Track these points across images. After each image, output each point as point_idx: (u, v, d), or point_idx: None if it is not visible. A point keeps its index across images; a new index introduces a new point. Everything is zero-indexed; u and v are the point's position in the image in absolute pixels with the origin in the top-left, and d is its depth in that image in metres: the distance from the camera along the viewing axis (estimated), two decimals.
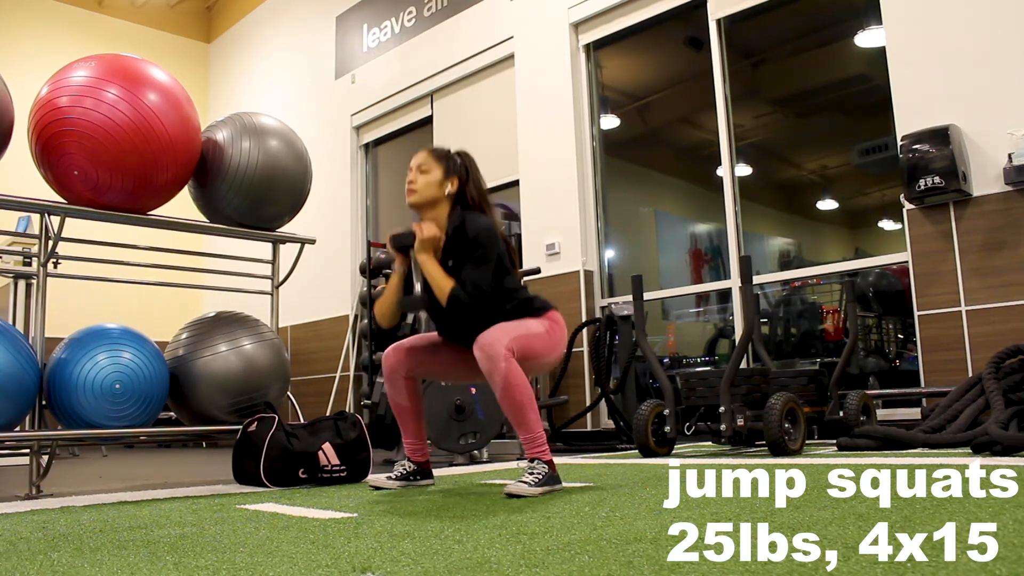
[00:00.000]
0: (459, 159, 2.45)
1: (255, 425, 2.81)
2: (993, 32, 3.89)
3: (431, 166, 2.41)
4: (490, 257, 2.30)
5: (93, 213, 2.95)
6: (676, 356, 6.22)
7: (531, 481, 2.11)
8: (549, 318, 2.39)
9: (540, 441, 2.21)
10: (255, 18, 9.45)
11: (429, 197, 2.39)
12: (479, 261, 2.28)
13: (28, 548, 1.51)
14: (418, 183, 2.40)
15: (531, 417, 2.20)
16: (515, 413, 2.20)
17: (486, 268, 2.29)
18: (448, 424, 3.62)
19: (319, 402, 7.12)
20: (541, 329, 2.33)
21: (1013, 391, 3.02)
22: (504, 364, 2.15)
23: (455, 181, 2.41)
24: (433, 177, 2.40)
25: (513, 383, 2.16)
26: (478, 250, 2.29)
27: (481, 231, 2.32)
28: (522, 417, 2.20)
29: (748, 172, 5.69)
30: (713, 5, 5.16)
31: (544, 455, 2.20)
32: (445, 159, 2.43)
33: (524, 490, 2.08)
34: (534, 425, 2.21)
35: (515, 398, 2.18)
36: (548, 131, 5.85)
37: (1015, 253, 3.75)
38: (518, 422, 2.21)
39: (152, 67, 3.02)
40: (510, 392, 2.17)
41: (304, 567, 1.20)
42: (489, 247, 2.31)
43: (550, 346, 2.35)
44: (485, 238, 2.31)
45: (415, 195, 2.40)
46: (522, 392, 2.18)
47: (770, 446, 3.08)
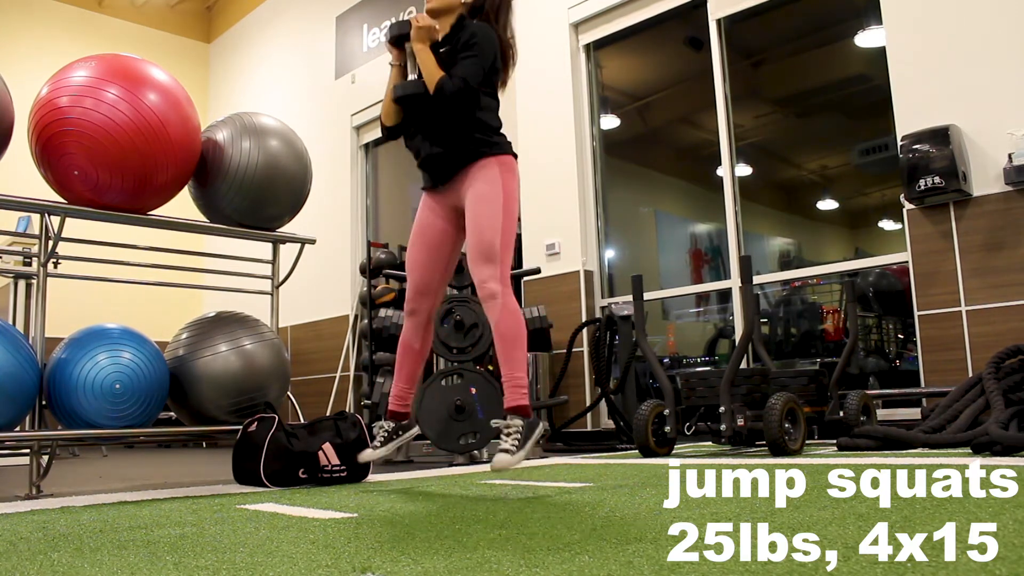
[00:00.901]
0: None
1: (255, 425, 2.81)
2: (993, 32, 3.89)
3: None
4: (484, 57, 2.33)
5: (93, 213, 2.95)
6: (676, 356, 6.22)
7: (511, 446, 2.13)
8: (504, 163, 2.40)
9: (520, 382, 2.26)
10: (255, 18, 9.45)
11: (447, 4, 2.42)
12: (473, 58, 2.31)
13: (28, 548, 1.51)
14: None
15: (519, 354, 2.27)
16: (506, 347, 2.26)
17: (478, 65, 2.31)
18: (448, 424, 3.62)
19: (319, 402, 7.12)
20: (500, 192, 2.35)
21: (1013, 391, 3.02)
22: (502, 299, 2.27)
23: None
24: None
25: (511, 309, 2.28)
26: (473, 49, 2.32)
27: (479, 33, 2.36)
28: (511, 352, 2.26)
29: (748, 172, 5.69)
30: (713, 5, 5.16)
31: (520, 400, 2.24)
32: None
33: (508, 460, 2.10)
34: (520, 363, 2.27)
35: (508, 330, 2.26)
36: (548, 131, 5.85)
37: (1015, 253, 3.75)
38: (506, 357, 2.27)
39: (152, 67, 3.02)
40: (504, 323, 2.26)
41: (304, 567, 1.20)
42: (484, 49, 2.34)
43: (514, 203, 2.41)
44: (481, 39, 2.34)
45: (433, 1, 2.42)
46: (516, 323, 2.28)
47: (770, 446, 3.08)
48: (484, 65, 2.32)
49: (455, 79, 2.27)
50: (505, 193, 2.36)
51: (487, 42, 2.35)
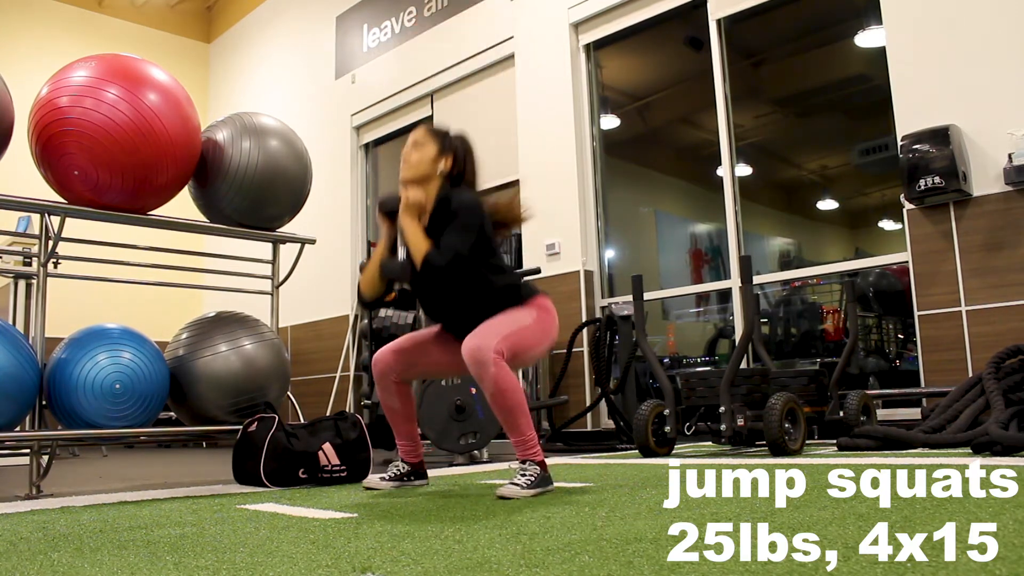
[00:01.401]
0: (455, 140, 2.44)
1: (255, 425, 2.81)
2: (993, 32, 3.89)
3: (427, 142, 2.40)
4: (470, 226, 2.27)
5: (93, 213, 2.95)
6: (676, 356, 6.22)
7: (523, 483, 2.10)
8: (538, 306, 2.36)
9: (532, 443, 2.20)
10: (255, 18, 9.45)
11: (422, 173, 2.38)
12: (458, 227, 2.26)
13: (28, 548, 1.51)
14: (413, 158, 2.39)
15: (522, 421, 2.19)
16: (505, 417, 2.19)
17: (465, 235, 2.26)
18: (448, 424, 3.62)
19: (319, 402, 7.12)
20: (529, 320, 2.30)
21: (1013, 391, 3.02)
22: (493, 369, 2.13)
23: (449, 159, 2.39)
24: (427, 153, 2.38)
25: (503, 388, 2.14)
26: (459, 219, 2.27)
27: (464, 202, 2.31)
28: (513, 421, 2.19)
29: (748, 172, 5.69)
30: (713, 5, 5.16)
31: (536, 456, 2.19)
32: (442, 137, 2.42)
33: (516, 492, 2.07)
34: (525, 428, 2.20)
35: (505, 403, 2.16)
36: (548, 131, 5.85)
37: (1015, 253, 3.75)
38: (509, 426, 2.20)
39: (152, 67, 3.02)
40: (500, 397, 2.16)
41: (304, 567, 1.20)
42: (471, 217, 2.28)
43: (541, 336, 2.33)
44: (467, 207, 2.29)
45: (409, 169, 2.39)
46: (512, 396, 2.16)
47: (770, 446, 3.08)
48: (470, 232, 2.26)
49: (443, 251, 2.22)
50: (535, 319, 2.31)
51: (471, 210, 2.29)
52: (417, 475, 2.55)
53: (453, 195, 2.34)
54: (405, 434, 2.52)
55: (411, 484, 2.53)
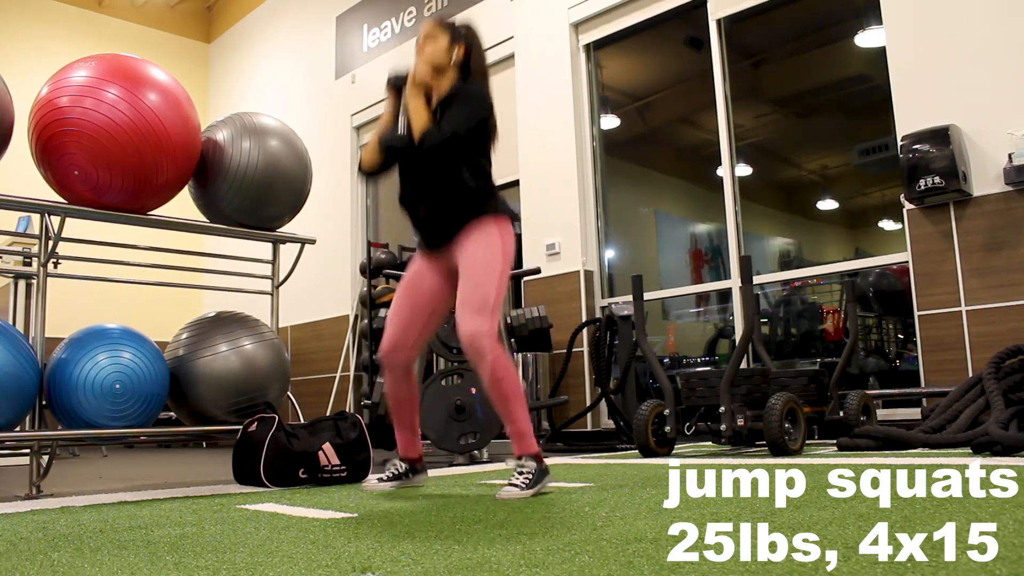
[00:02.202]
0: (464, 27, 2.47)
1: (255, 425, 2.81)
2: (993, 32, 3.89)
3: (438, 33, 2.42)
4: (473, 110, 2.31)
5: (93, 213, 2.95)
6: (676, 356, 6.22)
7: (521, 483, 2.11)
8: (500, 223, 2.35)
9: (528, 434, 2.22)
10: (255, 18, 9.45)
11: (437, 62, 2.40)
12: (462, 110, 2.30)
13: (28, 548, 1.51)
14: (427, 49, 2.41)
15: (518, 410, 2.22)
16: (502, 406, 2.22)
17: (466, 117, 2.29)
18: (448, 424, 3.62)
19: (319, 402, 7.12)
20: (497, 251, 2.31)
21: (1013, 391, 3.02)
22: (490, 357, 2.17)
23: (462, 47, 2.41)
24: (440, 44, 2.40)
25: (500, 376, 2.19)
26: (464, 104, 2.31)
27: (473, 90, 2.35)
28: (509, 409, 2.22)
29: (748, 172, 5.69)
30: (713, 5, 5.16)
31: (531, 448, 2.21)
32: (451, 27, 2.45)
33: (516, 494, 2.07)
34: (521, 418, 2.22)
35: (502, 390, 2.20)
36: (548, 131, 5.85)
37: (1015, 253, 3.75)
38: (505, 414, 2.23)
39: (152, 67, 3.02)
40: (497, 385, 2.19)
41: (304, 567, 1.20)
42: (476, 103, 2.32)
43: (509, 263, 2.36)
44: (476, 95, 2.34)
45: (424, 62, 2.40)
46: (509, 384, 2.20)
47: (770, 446, 3.08)
48: (472, 117, 2.29)
49: (443, 128, 2.26)
50: (503, 252, 2.32)
51: (477, 98, 2.33)
52: (415, 471, 2.55)
53: (466, 85, 2.38)
54: (408, 425, 2.53)
55: (411, 482, 2.53)
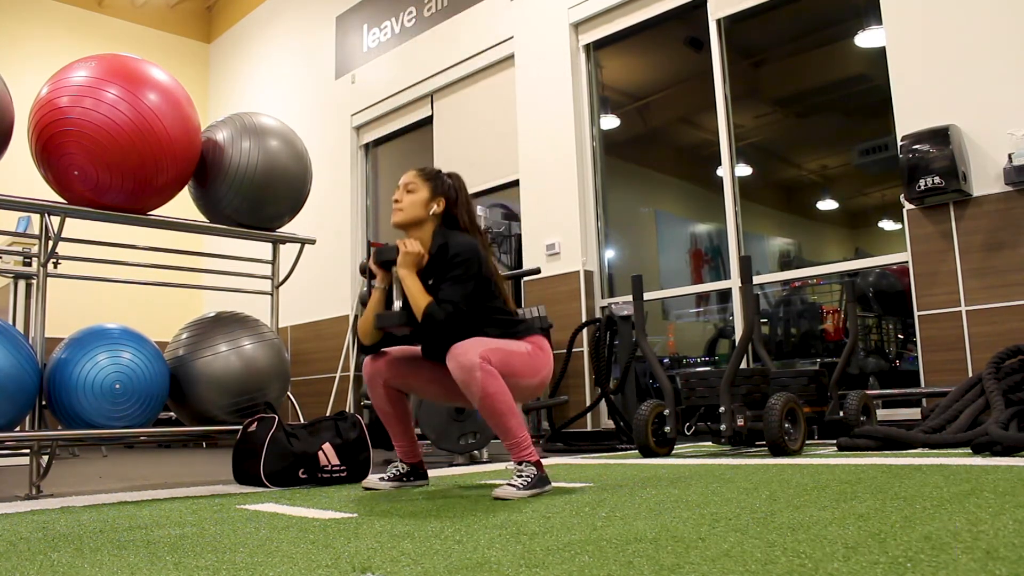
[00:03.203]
0: (448, 180, 2.43)
1: (255, 425, 2.81)
2: (994, 32, 3.90)
3: (418, 185, 2.38)
4: (469, 276, 2.25)
5: (93, 213, 2.95)
6: (676, 356, 6.22)
7: (519, 484, 2.09)
8: (532, 342, 2.33)
9: (525, 444, 2.19)
10: (255, 18, 9.45)
11: (415, 216, 2.36)
12: (457, 279, 2.24)
13: (28, 548, 1.51)
14: (404, 202, 2.37)
15: (512, 423, 2.17)
16: (496, 422, 2.17)
17: (464, 287, 2.24)
18: (448, 424, 3.62)
19: (319, 402, 7.12)
20: (522, 350, 2.27)
21: (1013, 391, 3.02)
22: (479, 374, 2.11)
23: (442, 201, 2.38)
24: (419, 196, 2.37)
25: (490, 392, 2.13)
26: (458, 268, 2.25)
27: (463, 250, 2.27)
28: (503, 425, 2.17)
29: (748, 172, 5.69)
30: (713, 5, 5.17)
31: (531, 457, 2.18)
32: (433, 179, 2.40)
33: (512, 493, 2.06)
34: (516, 430, 2.18)
35: (494, 407, 2.14)
36: (548, 131, 5.85)
37: (1015, 253, 3.75)
38: (500, 430, 2.18)
39: (152, 67, 3.02)
40: (488, 403, 2.14)
41: (304, 567, 1.20)
42: (469, 266, 2.26)
43: (531, 368, 2.29)
44: (466, 257, 2.26)
45: (401, 214, 2.37)
46: (500, 401, 2.14)
47: (770, 446, 3.08)
48: (469, 283, 2.25)
49: (443, 305, 2.21)
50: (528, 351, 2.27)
51: (469, 258, 2.27)
52: (416, 475, 2.55)
53: (451, 240, 2.31)
54: (401, 435, 2.52)
55: (411, 484, 2.53)
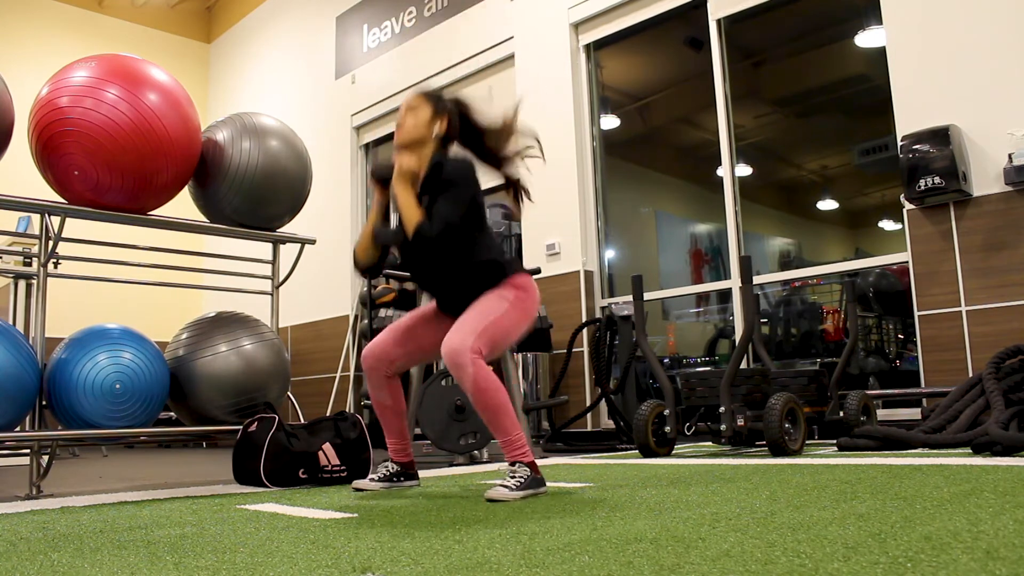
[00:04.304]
0: (450, 102, 2.42)
1: (255, 425, 2.81)
2: (993, 32, 3.90)
3: (421, 105, 2.38)
4: (462, 196, 2.25)
5: (93, 213, 2.95)
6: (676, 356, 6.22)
7: (512, 485, 2.07)
8: (517, 285, 2.32)
9: (519, 443, 2.17)
10: (255, 18, 9.45)
11: (416, 137, 2.35)
12: (450, 198, 2.24)
13: (28, 548, 1.51)
14: (407, 123, 2.37)
15: (505, 421, 2.15)
16: (488, 417, 2.16)
17: (457, 205, 2.23)
18: (448, 424, 3.62)
19: (319, 402, 7.13)
20: (507, 305, 2.26)
21: (1013, 391, 3.02)
22: (472, 369, 2.10)
23: (444, 122, 2.37)
24: (421, 116, 2.36)
25: (483, 387, 2.11)
26: (452, 187, 2.25)
27: (458, 169, 2.28)
28: (496, 421, 2.16)
29: (748, 172, 5.69)
30: (713, 5, 5.17)
31: (525, 457, 2.16)
32: (436, 100, 2.40)
33: (504, 495, 2.03)
34: (510, 428, 2.16)
35: (486, 402, 2.13)
36: (548, 131, 5.84)
37: (1015, 253, 3.75)
38: (493, 426, 2.17)
39: (152, 67, 3.02)
40: (481, 397, 2.12)
41: (304, 567, 1.20)
42: (463, 186, 2.26)
43: (520, 318, 2.29)
44: (460, 177, 2.27)
45: (403, 133, 2.36)
46: (493, 396, 2.13)
47: (770, 446, 3.08)
48: (462, 203, 2.24)
49: (435, 222, 2.20)
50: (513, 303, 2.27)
51: (463, 179, 2.27)
52: (407, 475, 2.53)
53: (447, 161, 2.32)
54: (396, 431, 2.51)
55: (401, 484, 2.51)
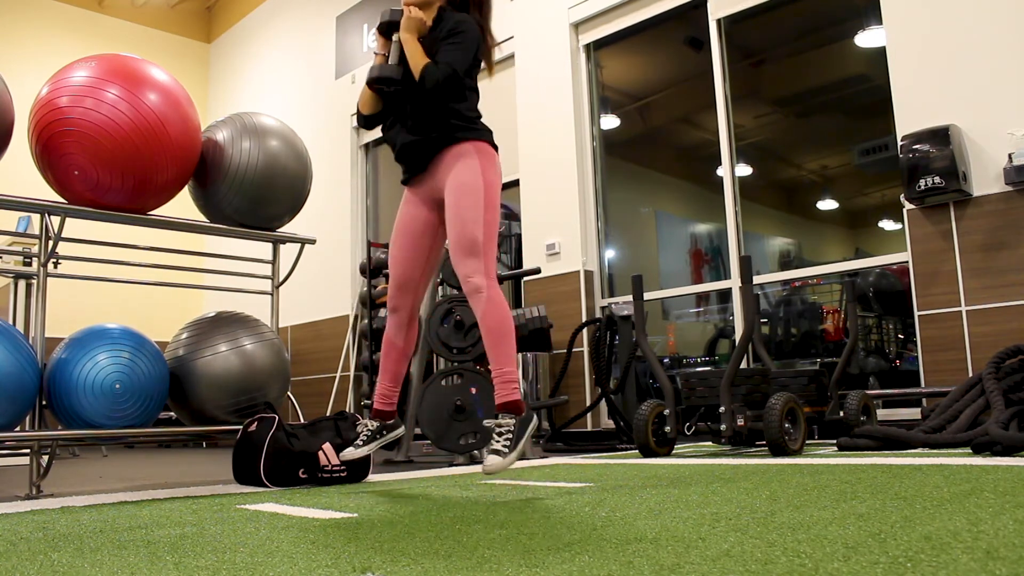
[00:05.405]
0: None
1: (255, 425, 2.81)
2: (993, 32, 3.90)
3: None
4: (467, 46, 2.32)
5: (93, 213, 2.95)
6: (676, 356, 6.22)
7: (503, 447, 2.09)
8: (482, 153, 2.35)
9: (509, 377, 2.22)
10: (255, 18, 9.46)
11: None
12: (456, 46, 2.31)
13: (28, 548, 1.51)
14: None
15: (505, 348, 2.22)
16: (493, 341, 2.22)
17: (463, 54, 2.30)
18: (448, 424, 3.62)
19: (319, 402, 7.13)
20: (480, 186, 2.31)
21: (1013, 391, 3.02)
22: (488, 293, 2.22)
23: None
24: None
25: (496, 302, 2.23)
26: (457, 37, 2.32)
27: (462, 23, 2.36)
28: (499, 347, 2.22)
29: (748, 172, 5.69)
30: (713, 5, 5.17)
31: (511, 396, 2.20)
32: None
33: (499, 464, 2.05)
34: (507, 359, 2.22)
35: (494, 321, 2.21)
36: (548, 131, 5.86)
37: (1015, 253, 3.75)
38: (492, 352, 2.23)
39: (152, 67, 3.02)
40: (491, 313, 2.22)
41: (304, 567, 1.20)
42: (468, 38, 2.33)
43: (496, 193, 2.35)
44: (465, 28, 2.34)
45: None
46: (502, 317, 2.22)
47: (770, 446, 3.08)
48: (468, 51, 2.32)
49: (441, 66, 2.26)
50: (486, 183, 2.32)
51: (471, 32, 2.35)
52: (389, 427, 2.53)
53: (451, 14, 2.39)
54: (394, 375, 2.52)
55: (386, 437, 2.51)
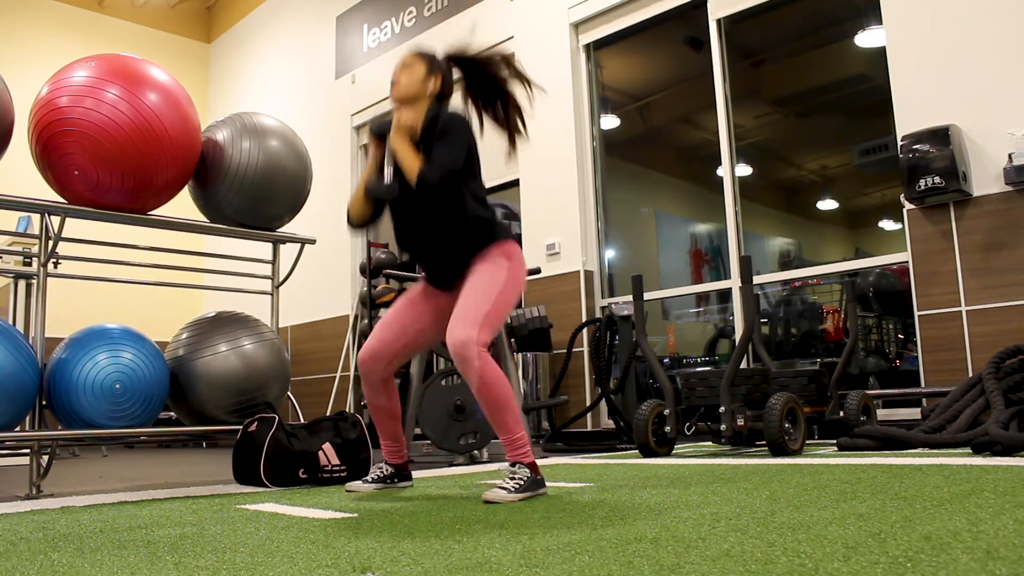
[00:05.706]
0: (444, 60, 2.45)
1: (255, 425, 2.81)
2: (993, 32, 3.90)
3: (415, 63, 2.41)
4: (460, 141, 2.29)
5: (93, 213, 2.95)
6: (676, 356, 6.22)
7: (511, 487, 2.05)
8: (508, 253, 2.33)
9: (520, 443, 2.16)
10: (255, 18, 9.45)
11: (411, 93, 2.38)
12: (448, 143, 2.27)
13: (28, 548, 1.51)
14: (401, 79, 2.39)
15: (509, 418, 2.15)
16: (492, 412, 2.15)
17: (456, 150, 2.26)
18: (448, 424, 3.62)
19: (319, 402, 7.13)
20: (503, 277, 2.27)
21: (1013, 391, 3.02)
22: (479, 363, 2.10)
23: (438, 79, 2.40)
24: (416, 74, 2.39)
25: (489, 382, 2.11)
26: (449, 135, 2.28)
27: (454, 119, 2.32)
28: (500, 417, 2.15)
29: (748, 172, 5.70)
30: (713, 5, 5.17)
31: (525, 458, 2.14)
32: (430, 59, 2.43)
33: (503, 497, 2.01)
34: (513, 426, 2.16)
35: (492, 398, 2.13)
36: (548, 131, 5.85)
37: (1015, 253, 3.75)
38: (496, 422, 2.16)
39: (152, 67, 3.02)
40: (486, 392, 2.12)
41: (304, 567, 1.20)
42: (460, 133, 2.30)
43: (514, 291, 2.30)
44: (457, 125, 2.31)
45: (399, 89, 2.38)
46: (499, 391, 2.12)
47: (770, 446, 3.08)
48: (460, 148, 2.26)
49: (434, 166, 2.21)
50: (508, 276, 2.28)
51: (461, 129, 2.30)
52: (401, 476, 2.52)
53: (441, 113, 2.36)
54: (390, 433, 2.50)
55: (395, 486, 2.50)
